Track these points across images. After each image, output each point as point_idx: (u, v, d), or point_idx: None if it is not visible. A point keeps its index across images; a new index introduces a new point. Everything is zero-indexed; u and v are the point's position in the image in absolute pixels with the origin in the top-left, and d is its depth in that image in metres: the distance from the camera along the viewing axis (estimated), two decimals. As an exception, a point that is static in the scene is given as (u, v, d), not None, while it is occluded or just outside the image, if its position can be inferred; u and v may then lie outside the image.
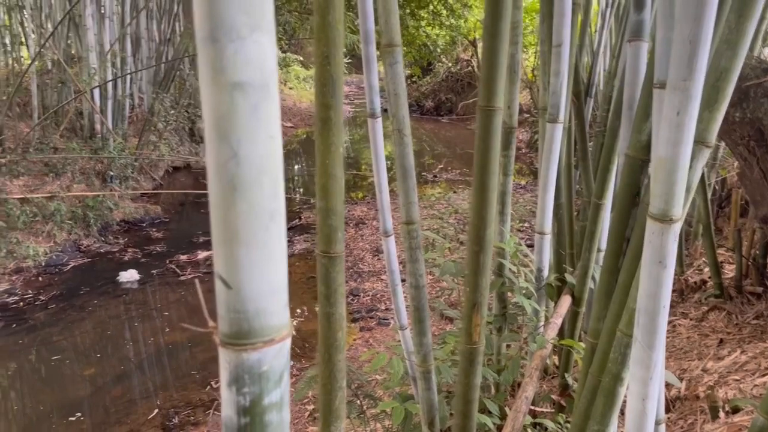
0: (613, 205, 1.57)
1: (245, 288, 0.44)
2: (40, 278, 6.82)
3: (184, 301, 6.47)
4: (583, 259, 2.45)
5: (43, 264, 6.99)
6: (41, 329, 5.80)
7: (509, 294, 2.56)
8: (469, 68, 19.07)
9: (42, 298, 6.35)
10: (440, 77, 19.97)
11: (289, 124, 17.12)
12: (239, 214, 0.42)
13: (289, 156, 14.51)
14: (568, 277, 2.67)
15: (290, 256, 7.46)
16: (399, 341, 2.36)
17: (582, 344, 2.31)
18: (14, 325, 5.83)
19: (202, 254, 7.52)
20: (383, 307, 6.00)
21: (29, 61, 8.85)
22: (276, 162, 0.43)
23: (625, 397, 1.24)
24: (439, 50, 18.40)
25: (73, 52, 9.48)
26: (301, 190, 11.52)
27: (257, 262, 0.43)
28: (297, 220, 8.83)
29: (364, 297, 6.17)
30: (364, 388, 2.61)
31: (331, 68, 1.01)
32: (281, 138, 0.44)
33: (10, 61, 9.18)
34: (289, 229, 8.47)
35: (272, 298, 0.45)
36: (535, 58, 14.62)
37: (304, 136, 16.79)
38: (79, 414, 4.47)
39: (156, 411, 4.45)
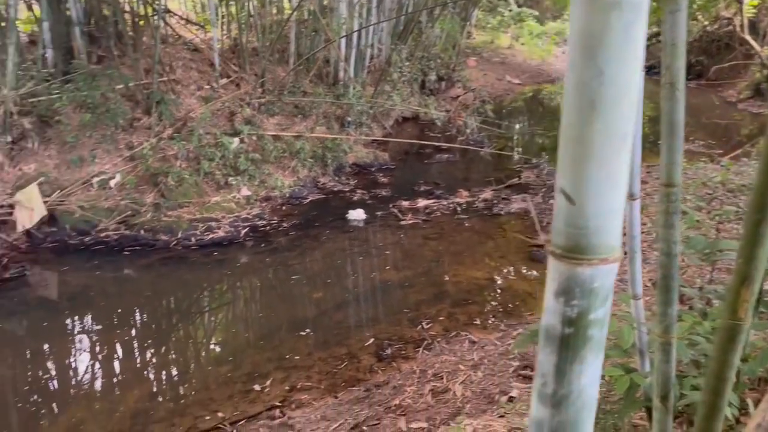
0: None
1: (588, 205, 0.46)
2: (284, 207, 7.69)
3: (403, 243, 6.84)
4: None
5: (287, 195, 7.86)
6: (281, 252, 6.58)
7: None
8: (730, 27, 16.78)
9: (284, 225, 7.18)
10: (692, 37, 17.89)
11: (517, 81, 16.77)
12: (595, 132, 0.43)
13: (511, 114, 14.28)
14: None
15: (507, 214, 7.44)
16: (628, 311, 2.25)
17: None
18: (262, 245, 6.70)
19: (422, 202, 7.83)
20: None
21: (290, 11, 9.79)
22: (636, 85, 0.44)
23: None
24: (695, 5, 16.43)
25: (325, 2, 10.25)
26: (521, 149, 11.31)
27: (604, 181, 0.45)
28: (516, 179, 8.73)
29: (580, 264, 5.96)
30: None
31: None
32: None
33: (274, 11, 10.24)
34: (507, 187, 8.42)
35: (612, 219, 0.46)
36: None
37: (531, 94, 16.35)
38: (308, 330, 5.03)
39: (372, 340, 4.83)
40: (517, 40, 19.66)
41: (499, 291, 5.63)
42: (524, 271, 6.02)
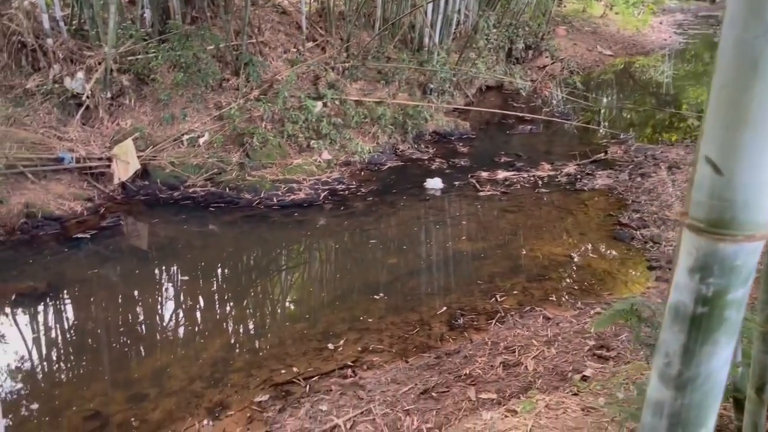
0: None
1: (739, 176, 0.42)
2: (362, 173, 7.75)
3: (480, 214, 6.77)
4: None
5: (366, 161, 7.91)
6: (358, 216, 6.65)
7: None
8: None
9: (362, 190, 7.24)
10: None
11: (608, 52, 16.02)
12: (753, 96, 0.39)
13: (600, 86, 13.69)
14: None
15: (590, 190, 7.20)
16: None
17: None
18: (341, 209, 6.79)
19: (502, 174, 7.69)
20: (687, 262, 5.47)
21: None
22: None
23: None
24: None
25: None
26: (608, 124, 10.86)
27: (760, 151, 0.41)
28: (602, 154, 8.41)
29: (666, 246, 5.70)
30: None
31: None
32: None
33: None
34: (591, 162, 8.13)
35: (764, 193, 0.43)
36: None
37: (621, 66, 15.59)
38: (381, 294, 5.10)
39: (444, 309, 4.83)
40: (610, 8, 18.70)
41: (576, 268, 5.48)
42: (605, 249, 5.83)
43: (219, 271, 5.79)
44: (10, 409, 3.74)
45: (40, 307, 5.02)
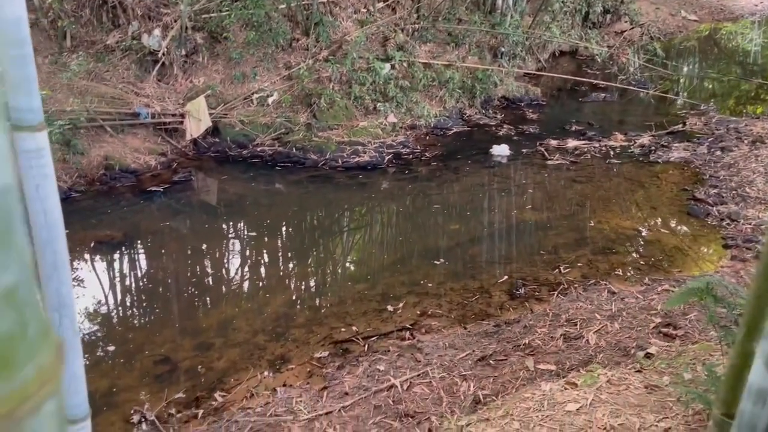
0: None
1: None
2: (428, 137, 7.68)
3: (547, 184, 6.62)
4: None
5: (432, 125, 7.83)
6: (422, 181, 6.63)
7: None
8: None
9: (427, 154, 7.19)
10: None
11: (693, 17, 15.12)
12: None
13: (681, 54, 12.97)
14: None
15: (665, 162, 6.91)
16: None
17: None
18: (405, 172, 6.78)
19: (572, 142, 7.47)
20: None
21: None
22: None
23: None
24: None
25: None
26: (687, 93, 10.31)
27: None
28: (680, 125, 8.03)
29: (744, 224, 5.42)
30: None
31: None
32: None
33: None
34: (668, 133, 7.78)
35: None
36: None
37: (706, 32, 14.71)
38: (442, 260, 5.09)
39: (505, 278, 4.79)
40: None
41: (645, 243, 5.31)
42: (676, 225, 5.62)
43: (283, 229, 5.92)
44: (87, 349, 3.98)
45: (116, 255, 5.29)
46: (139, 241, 5.50)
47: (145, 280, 5.00)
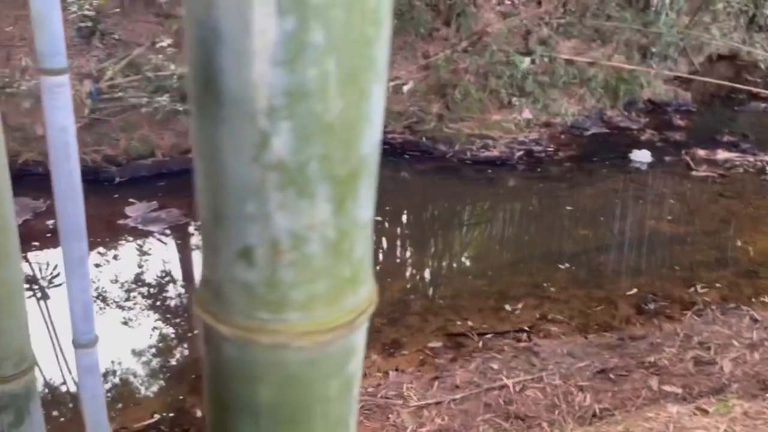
0: None
1: None
2: (563, 136, 7.41)
3: (689, 196, 6.17)
4: None
5: (568, 124, 7.54)
6: (552, 181, 6.42)
7: None
8: None
9: (560, 154, 6.95)
10: None
11: None
12: None
13: None
14: None
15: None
16: None
17: None
18: (536, 171, 6.60)
19: (722, 154, 6.90)
20: None
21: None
22: None
23: None
24: None
25: None
26: None
27: None
28: None
29: None
30: None
31: None
32: None
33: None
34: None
35: None
36: None
37: None
38: (567, 265, 4.91)
39: (634, 290, 4.54)
40: None
41: (800, 271, 4.80)
42: (841, 255, 5.03)
43: (405, 217, 5.98)
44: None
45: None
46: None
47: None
